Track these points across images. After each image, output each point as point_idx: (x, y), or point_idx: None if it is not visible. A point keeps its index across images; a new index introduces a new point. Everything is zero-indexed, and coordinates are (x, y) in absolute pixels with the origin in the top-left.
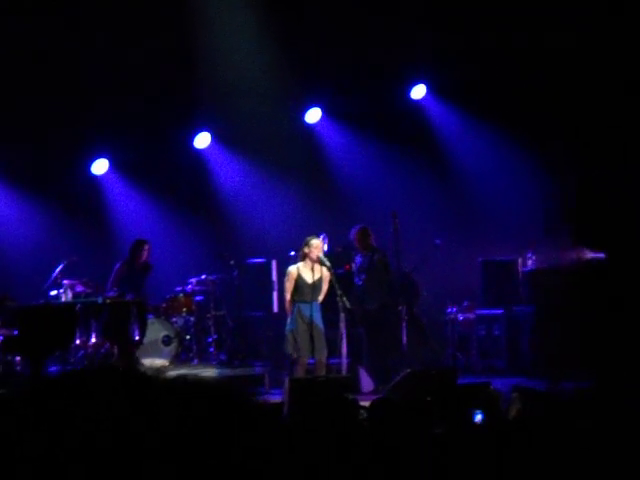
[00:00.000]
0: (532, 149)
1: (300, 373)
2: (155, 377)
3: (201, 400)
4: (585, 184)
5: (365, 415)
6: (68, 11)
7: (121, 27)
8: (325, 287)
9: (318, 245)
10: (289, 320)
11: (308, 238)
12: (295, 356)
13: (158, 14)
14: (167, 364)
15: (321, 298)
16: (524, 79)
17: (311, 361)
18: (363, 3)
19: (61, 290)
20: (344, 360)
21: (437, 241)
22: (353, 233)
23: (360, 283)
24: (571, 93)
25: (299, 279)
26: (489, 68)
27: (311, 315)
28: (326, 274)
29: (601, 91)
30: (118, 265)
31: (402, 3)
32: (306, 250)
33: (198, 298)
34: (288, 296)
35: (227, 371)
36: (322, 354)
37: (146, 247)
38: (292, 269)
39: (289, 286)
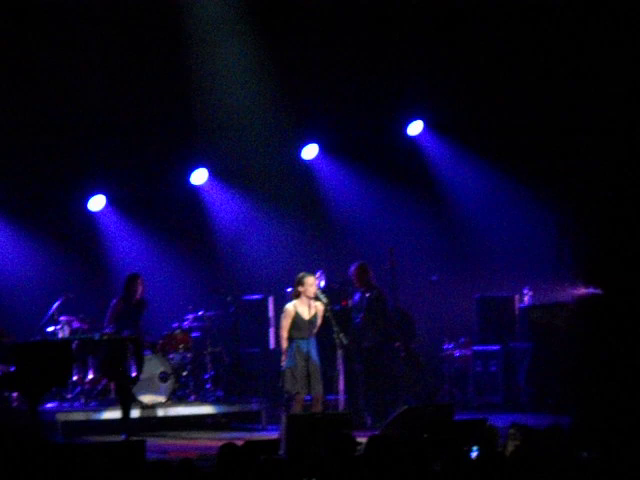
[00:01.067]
0: (529, 186)
1: (297, 410)
2: None
3: None
4: (583, 221)
5: (362, 451)
6: (64, 47)
7: (117, 63)
8: (319, 322)
9: (313, 282)
10: (287, 357)
11: (301, 276)
12: (293, 393)
13: (154, 51)
14: (164, 401)
15: (315, 332)
16: (521, 115)
17: (307, 397)
18: (360, 40)
19: (58, 326)
20: (341, 397)
21: (433, 277)
22: (352, 270)
23: (358, 321)
24: (568, 132)
25: (296, 316)
26: (486, 104)
27: (308, 351)
28: (320, 308)
29: (599, 130)
30: (114, 301)
31: (399, 40)
32: (300, 289)
33: (195, 334)
34: (285, 334)
35: (224, 407)
36: (318, 390)
37: (139, 281)
38: (289, 307)
39: (285, 324)
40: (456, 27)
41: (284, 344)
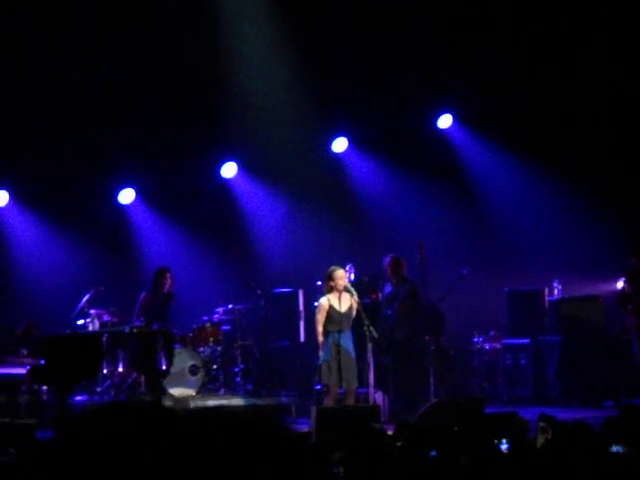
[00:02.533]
0: (559, 179)
1: (331, 402)
2: (182, 411)
3: (227, 431)
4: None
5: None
6: (96, 38)
7: (149, 56)
8: (354, 314)
9: (342, 275)
10: (323, 351)
11: (330, 270)
12: (331, 385)
13: (186, 44)
14: (194, 394)
15: (350, 325)
16: (552, 109)
17: (341, 390)
18: (390, 33)
19: (88, 320)
20: (371, 390)
21: (463, 271)
22: (386, 262)
23: (390, 313)
24: (600, 124)
25: (331, 310)
26: (515, 97)
27: (344, 344)
28: (355, 301)
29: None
30: (143, 295)
31: (428, 32)
32: (332, 283)
33: (225, 328)
34: (320, 328)
35: (254, 401)
36: (352, 384)
37: (168, 275)
38: (323, 301)
39: (320, 318)
40: (486, 19)
41: (320, 338)
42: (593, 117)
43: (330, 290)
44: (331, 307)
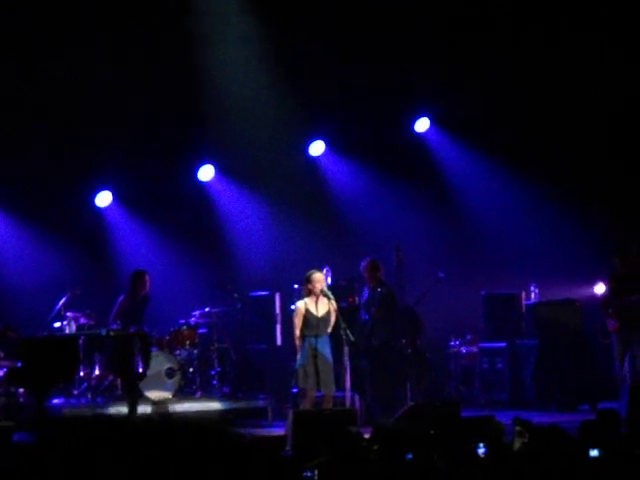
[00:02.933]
0: (536, 184)
1: (307, 406)
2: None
3: (184, 438)
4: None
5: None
6: (70, 42)
7: (124, 58)
8: (333, 319)
9: (320, 278)
10: (300, 355)
11: (309, 273)
12: (306, 389)
13: (161, 46)
14: (170, 397)
15: (329, 330)
16: (528, 112)
17: (318, 394)
18: (367, 37)
19: (64, 322)
20: (348, 393)
21: (440, 274)
22: (363, 266)
23: (367, 317)
24: (576, 129)
25: (308, 314)
26: (492, 101)
27: (319, 348)
28: (333, 306)
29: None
30: (122, 297)
31: (406, 36)
32: (309, 286)
33: (202, 331)
34: (297, 332)
35: (230, 404)
36: (330, 388)
37: (146, 277)
38: (300, 305)
39: (297, 322)
40: (463, 23)
41: (298, 342)
42: (572, 120)
43: (308, 293)
44: (307, 311)
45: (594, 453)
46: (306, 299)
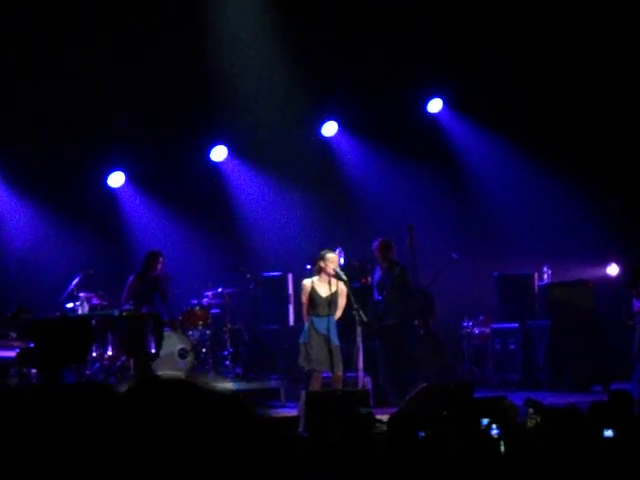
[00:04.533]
0: (548, 164)
1: (315, 387)
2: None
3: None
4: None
5: (382, 429)
6: (85, 24)
7: (138, 40)
8: (342, 302)
9: (334, 259)
10: (302, 332)
11: (323, 252)
12: (307, 369)
13: (175, 27)
14: (183, 377)
15: (339, 314)
16: (542, 93)
17: (327, 374)
18: (380, 17)
19: (77, 303)
20: (361, 374)
21: (453, 255)
22: (375, 246)
23: (380, 298)
24: (589, 108)
25: (313, 293)
26: (505, 81)
27: (326, 329)
28: (343, 288)
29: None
30: (131, 278)
31: (419, 16)
32: (322, 264)
33: (214, 311)
34: (305, 310)
35: (243, 384)
36: (339, 368)
37: (160, 259)
38: (306, 282)
39: (304, 299)
40: (474, 5)
41: (306, 320)
42: (584, 101)
43: (319, 271)
44: (313, 289)
45: (608, 433)
46: (314, 278)
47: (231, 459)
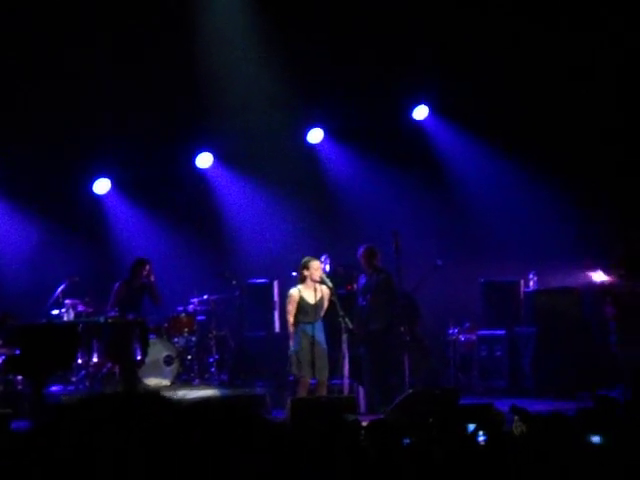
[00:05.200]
0: (534, 170)
1: (302, 393)
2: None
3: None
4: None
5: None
6: (70, 28)
7: (123, 45)
8: (326, 304)
9: (318, 266)
10: (294, 341)
11: (306, 260)
12: (298, 376)
13: (161, 33)
14: (168, 384)
15: (322, 315)
16: (526, 98)
17: (312, 381)
18: (365, 24)
19: (63, 310)
20: (346, 381)
21: (438, 261)
22: (360, 253)
23: (364, 304)
24: (574, 115)
25: (302, 301)
26: (490, 88)
27: (314, 335)
28: (326, 292)
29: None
30: (117, 285)
31: (404, 23)
32: (305, 273)
33: (200, 318)
34: (291, 319)
35: (228, 391)
36: (323, 374)
37: (147, 267)
38: (294, 292)
39: (291, 309)
40: (461, 11)
41: (291, 329)
42: (573, 106)
43: (303, 280)
44: (301, 298)
45: (596, 439)
46: (300, 286)
47: (224, 461)
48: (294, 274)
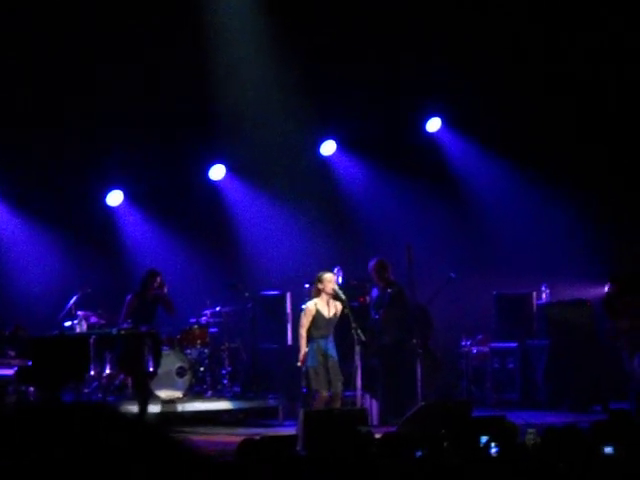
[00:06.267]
0: (547, 183)
1: (319, 407)
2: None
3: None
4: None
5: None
6: (84, 42)
7: (137, 58)
8: (337, 319)
9: (331, 279)
10: (309, 357)
11: (320, 273)
12: (317, 391)
13: (175, 47)
14: (181, 396)
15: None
16: (539, 112)
17: (329, 394)
18: (379, 36)
19: (75, 321)
20: (359, 393)
21: (451, 274)
22: (371, 266)
23: (377, 317)
24: (588, 129)
25: (317, 314)
26: (504, 101)
27: (327, 349)
28: (339, 307)
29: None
30: (129, 297)
31: (417, 35)
32: (320, 286)
33: (212, 330)
34: (303, 332)
35: (241, 403)
36: (338, 387)
37: (158, 278)
38: (310, 305)
39: (305, 322)
40: (476, 23)
41: (302, 342)
42: (582, 120)
43: (318, 294)
44: (318, 312)
45: (608, 450)
46: (316, 300)
47: None
48: (307, 286)
